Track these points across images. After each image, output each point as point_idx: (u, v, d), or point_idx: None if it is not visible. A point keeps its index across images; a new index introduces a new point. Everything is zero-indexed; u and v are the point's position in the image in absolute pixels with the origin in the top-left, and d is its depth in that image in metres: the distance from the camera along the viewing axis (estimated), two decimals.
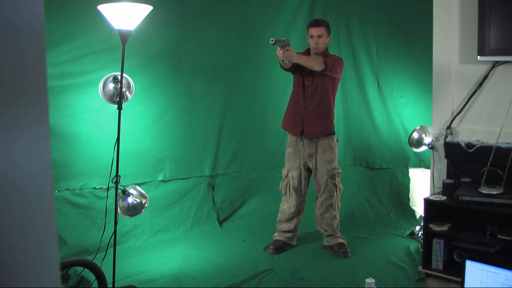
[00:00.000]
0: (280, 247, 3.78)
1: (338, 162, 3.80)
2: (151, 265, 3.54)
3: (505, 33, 3.15)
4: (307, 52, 3.68)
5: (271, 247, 3.79)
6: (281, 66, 3.54)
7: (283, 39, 3.30)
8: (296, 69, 3.61)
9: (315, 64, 3.48)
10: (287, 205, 3.81)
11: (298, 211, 3.81)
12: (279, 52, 3.30)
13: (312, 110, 3.63)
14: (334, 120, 3.74)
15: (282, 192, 3.84)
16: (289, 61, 3.38)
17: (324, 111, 3.64)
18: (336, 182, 3.70)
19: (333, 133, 3.72)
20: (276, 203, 4.21)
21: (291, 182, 3.76)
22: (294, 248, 3.85)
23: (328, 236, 3.78)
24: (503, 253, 3.15)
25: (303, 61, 3.45)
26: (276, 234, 3.88)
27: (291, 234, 3.84)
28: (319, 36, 3.55)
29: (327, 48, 3.67)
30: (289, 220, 3.82)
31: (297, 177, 3.75)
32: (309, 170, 3.79)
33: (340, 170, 3.75)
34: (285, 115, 3.82)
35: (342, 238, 3.77)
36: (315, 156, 3.69)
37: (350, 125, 4.72)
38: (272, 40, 3.18)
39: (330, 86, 3.62)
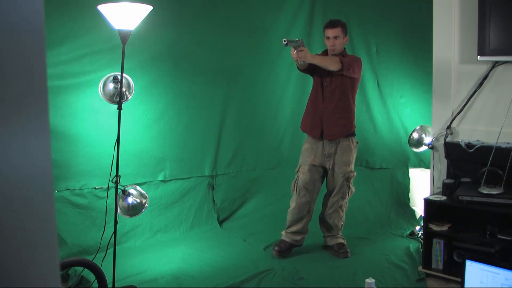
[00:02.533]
0: (285, 250, 3.68)
1: None
2: (151, 265, 3.54)
3: (505, 33, 3.15)
4: (325, 53, 3.62)
5: (276, 248, 3.68)
6: (298, 68, 3.50)
7: (297, 39, 3.24)
8: (314, 70, 3.56)
9: (331, 64, 3.42)
10: (294, 205, 3.70)
11: (308, 211, 3.68)
12: (293, 52, 3.25)
13: (331, 111, 3.56)
14: None
15: (291, 190, 3.76)
16: (304, 62, 3.35)
17: (343, 112, 3.57)
18: (350, 185, 3.66)
19: (353, 134, 3.65)
20: (276, 203, 4.21)
21: (301, 177, 3.65)
22: (294, 248, 3.83)
23: (328, 236, 3.76)
24: (503, 253, 3.15)
25: (318, 61, 3.40)
26: (283, 232, 3.75)
27: (300, 237, 3.71)
28: (335, 37, 3.50)
29: (344, 48, 3.61)
30: (297, 221, 3.69)
31: (308, 171, 3.63)
32: (324, 170, 3.69)
33: (355, 173, 3.69)
34: (304, 116, 3.74)
35: (342, 239, 3.76)
36: (333, 157, 3.61)
37: None
38: (284, 41, 3.12)
39: (349, 87, 3.56)
